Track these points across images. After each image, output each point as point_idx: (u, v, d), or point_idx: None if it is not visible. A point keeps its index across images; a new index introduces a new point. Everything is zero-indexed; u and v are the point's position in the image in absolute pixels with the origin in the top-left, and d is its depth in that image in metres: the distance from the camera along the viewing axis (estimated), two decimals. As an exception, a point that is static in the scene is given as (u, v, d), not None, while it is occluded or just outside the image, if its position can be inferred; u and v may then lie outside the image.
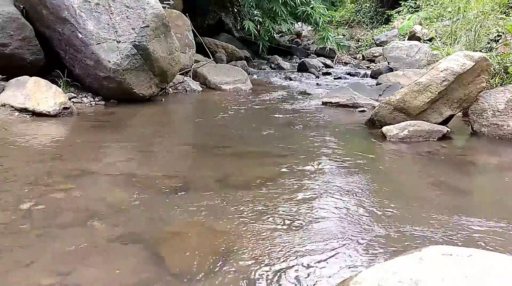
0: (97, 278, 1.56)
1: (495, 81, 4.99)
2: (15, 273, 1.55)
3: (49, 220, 1.97)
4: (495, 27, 6.54)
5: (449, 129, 3.97)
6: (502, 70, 5.32)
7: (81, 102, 4.88)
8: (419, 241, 1.91)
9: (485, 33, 6.54)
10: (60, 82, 4.89)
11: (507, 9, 7.01)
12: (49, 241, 1.79)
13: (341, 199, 2.39)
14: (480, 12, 6.50)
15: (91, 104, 4.90)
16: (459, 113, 4.53)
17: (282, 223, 2.04)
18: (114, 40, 4.75)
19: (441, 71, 3.97)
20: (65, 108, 4.18)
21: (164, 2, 8.29)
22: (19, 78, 4.33)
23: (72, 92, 5.01)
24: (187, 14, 7.83)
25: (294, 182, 2.64)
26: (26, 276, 1.54)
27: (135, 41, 4.82)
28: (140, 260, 1.69)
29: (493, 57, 5.40)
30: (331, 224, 2.07)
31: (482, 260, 1.39)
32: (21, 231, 1.85)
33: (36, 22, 4.95)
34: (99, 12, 4.73)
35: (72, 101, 4.66)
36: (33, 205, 2.10)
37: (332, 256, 1.76)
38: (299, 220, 2.09)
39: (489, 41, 6.85)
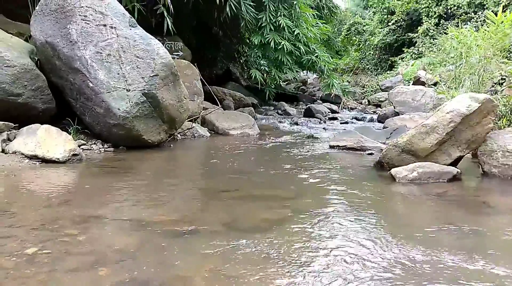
0: (100, 325, 1.50)
1: (502, 123, 4.99)
2: (16, 320, 1.50)
3: (53, 265, 1.93)
4: (498, 71, 6.63)
5: (459, 170, 3.92)
6: (509, 112, 5.32)
7: (91, 149, 4.94)
8: (432, 283, 1.83)
9: (489, 76, 6.63)
10: (71, 130, 4.98)
11: (508, 54, 7.14)
12: (52, 286, 1.75)
13: (351, 243, 2.32)
14: (482, 57, 6.62)
15: (100, 150, 4.95)
16: (469, 154, 4.50)
17: (291, 268, 1.98)
18: (124, 88, 4.88)
19: (447, 113, 3.98)
20: (74, 155, 4.23)
21: (174, 53, 8.60)
22: (30, 126, 4.42)
23: (82, 139, 5.08)
24: (195, 64, 8.07)
25: (303, 225, 2.59)
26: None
27: (144, 89, 4.94)
28: (145, 305, 1.64)
29: (498, 99, 5.43)
30: (341, 268, 2.00)
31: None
32: (25, 276, 1.81)
33: (49, 72, 5.13)
34: (110, 62, 4.89)
35: (82, 148, 4.72)
36: (38, 250, 2.06)
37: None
38: (309, 264, 2.03)
39: (494, 84, 6.93)
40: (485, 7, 12.80)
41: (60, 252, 2.08)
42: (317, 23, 11.20)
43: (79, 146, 4.65)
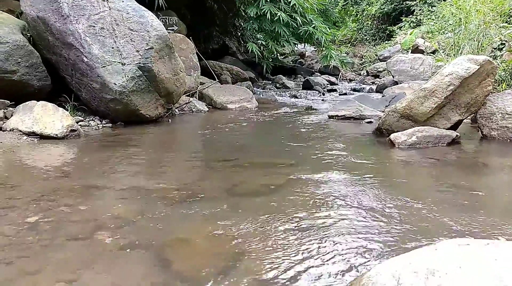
0: (104, 284, 1.51)
1: (502, 88, 4.96)
2: (20, 282, 1.52)
3: (55, 232, 1.94)
4: (498, 36, 6.54)
5: (458, 134, 3.91)
6: (509, 77, 5.29)
7: (89, 125, 4.92)
8: (435, 237, 1.85)
9: (488, 42, 6.55)
10: (67, 107, 4.94)
11: (508, 18, 7.04)
12: (54, 251, 1.76)
13: (351, 204, 2.33)
14: (482, 22, 6.52)
15: (98, 126, 4.93)
16: (468, 118, 4.48)
17: (291, 228, 1.99)
18: (119, 62, 4.82)
19: (446, 76, 3.95)
20: (72, 131, 4.21)
21: (168, 28, 8.47)
22: (26, 103, 4.39)
23: (79, 116, 5.06)
24: (191, 38, 7.96)
25: (302, 189, 2.60)
26: (31, 284, 1.50)
27: (139, 63, 4.88)
28: (148, 265, 1.65)
29: (498, 64, 5.38)
30: (342, 226, 2.01)
31: (501, 248, 1.33)
32: (27, 242, 1.82)
33: (43, 49, 5.06)
34: (103, 36, 4.82)
35: (80, 125, 4.69)
36: (39, 219, 2.07)
37: (346, 254, 1.71)
38: (308, 224, 2.04)
39: (493, 49, 6.84)
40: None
41: (61, 220, 2.09)
42: (314, -7, 10.96)
43: (77, 122, 4.63)
